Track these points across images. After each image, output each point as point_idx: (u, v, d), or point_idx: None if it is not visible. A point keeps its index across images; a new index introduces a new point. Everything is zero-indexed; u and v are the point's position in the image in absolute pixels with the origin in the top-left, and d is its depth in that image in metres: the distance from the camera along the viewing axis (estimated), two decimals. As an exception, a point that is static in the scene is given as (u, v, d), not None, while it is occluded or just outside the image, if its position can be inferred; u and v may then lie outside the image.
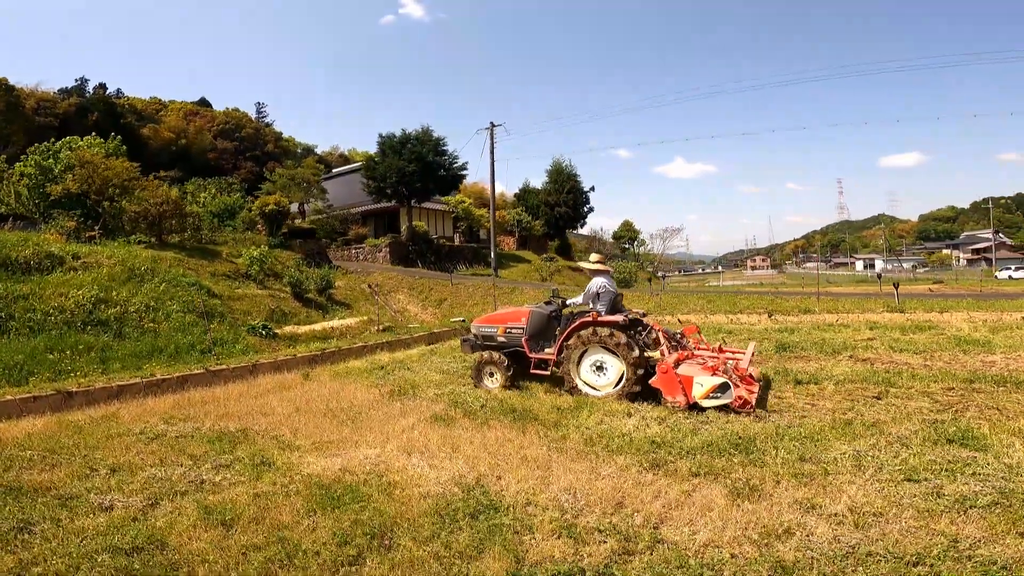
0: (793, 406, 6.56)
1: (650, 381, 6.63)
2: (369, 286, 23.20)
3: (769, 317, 15.05)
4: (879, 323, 13.21)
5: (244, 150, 51.43)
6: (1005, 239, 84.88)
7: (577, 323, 7.19)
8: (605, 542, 3.35)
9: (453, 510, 3.70)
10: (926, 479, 4.13)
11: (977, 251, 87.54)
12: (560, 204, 42.41)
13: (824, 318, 14.52)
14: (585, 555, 3.22)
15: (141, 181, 20.68)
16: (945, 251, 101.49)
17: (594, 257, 8.08)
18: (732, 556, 3.16)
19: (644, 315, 7.96)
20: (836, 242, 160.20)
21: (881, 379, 7.64)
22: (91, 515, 3.56)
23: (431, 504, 3.83)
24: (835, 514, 3.62)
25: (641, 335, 7.20)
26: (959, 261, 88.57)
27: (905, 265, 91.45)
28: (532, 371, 7.75)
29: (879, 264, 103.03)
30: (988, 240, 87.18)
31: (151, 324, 13.67)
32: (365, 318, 19.72)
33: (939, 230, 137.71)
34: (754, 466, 4.52)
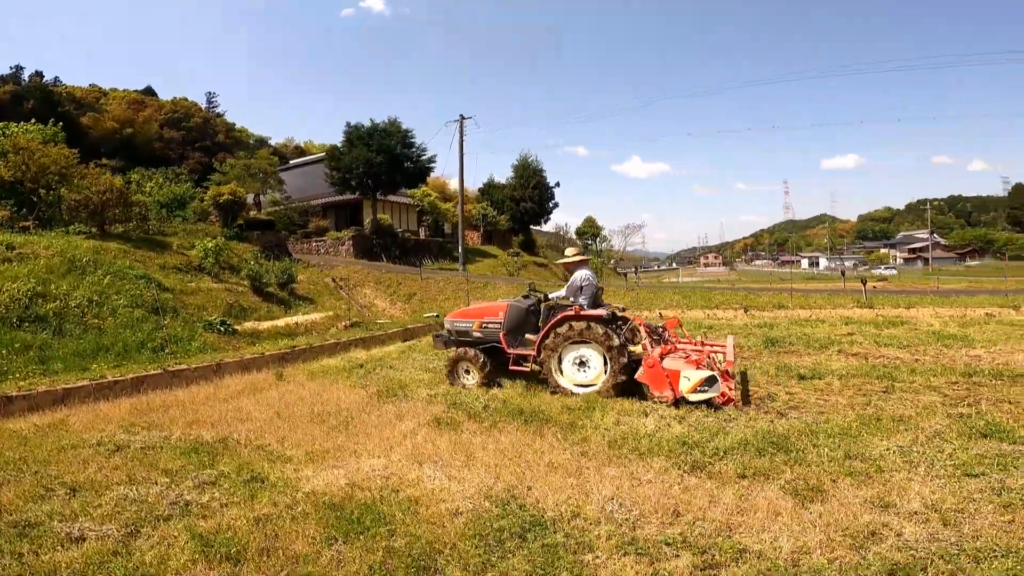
0: (806, 402, 6.39)
1: (636, 376, 6.46)
2: (333, 280, 22.18)
3: (745, 312, 15.12)
4: (853, 318, 13.45)
5: (192, 140, 48.38)
6: (940, 239, 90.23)
7: (559, 317, 6.88)
8: (679, 556, 2.98)
9: (497, 530, 3.20)
10: (983, 473, 3.97)
11: (913, 250, 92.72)
12: (526, 199, 42.06)
13: (798, 313, 14.70)
14: (665, 573, 2.82)
15: (81, 169, 19.01)
16: (883, 250, 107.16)
17: (571, 251, 7.82)
18: (830, 562, 2.86)
19: (623, 310, 7.76)
20: (782, 241, 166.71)
21: (882, 373, 7.60)
22: (60, 548, 2.86)
23: (466, 523, 3.32)
24: (914, 512, 3.40)
25: (622, 330, 6.94)
26: (896, 260, 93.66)
27: (847, 263, 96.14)
28: (511, 368, 7.36)
29: (823, 262, 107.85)
30: (924, 240, 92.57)
31: (95, 320, 12.45)
32: (331, 313, 18.78)
33: (876, 230, 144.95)
34: (800, 465, 4.24)
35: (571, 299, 7.18)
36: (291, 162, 40.16)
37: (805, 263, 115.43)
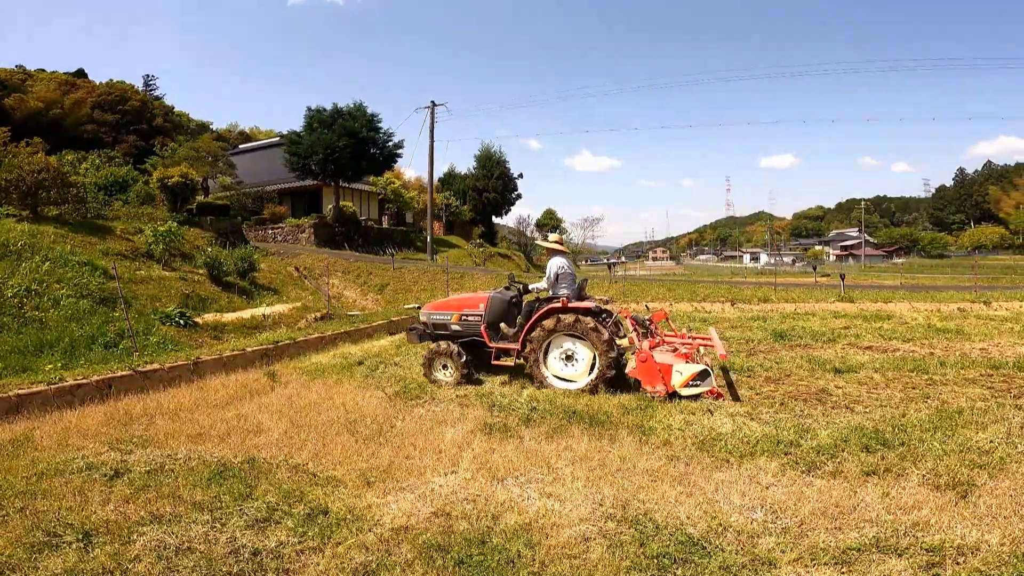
0: (861, 396, 6.22)
1: (627, 371, 6.32)
2: (297, 269, 20.77)
3: (732, 305, 15.11)
4: (840, 312, 13.60)
5: (128, 123, 44.30)
6: (869, 238, 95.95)
7: (545, 309, 6.52)
8: (883, 561, 2.68)
9: (656, 556, 2.70)
10: (1098, 460, 3.78)
11: (845, 248, 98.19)
12: (489, 190, 41.36)
13: (783, 307, 14.79)
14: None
15: (11, 147, 16.89)
16: (818, 247, 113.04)
17: (553, 236, 7.45)
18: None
19: (607, 302, 7.51)
20: (724, 236, 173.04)
21: (912, 366, 7.51)
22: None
23: (610, 551, 2.78)
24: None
25: (607, 323, 6.65)
26: (830, 257, 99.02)
27: (786, 259, 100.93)
28: (493, 362, 6.98)
29: (763, 258, 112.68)
30: (854, 238, 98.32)
31: (35, 312, 10.93)
32: (299, 304, 17.50)
33: (809, 227, 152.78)
34: (923, 460, 4.02)
35: (551, 291, 6.83)
36: (241, 146, 37.64)
37: (747, 258, 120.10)
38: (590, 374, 6.32)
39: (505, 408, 5.67)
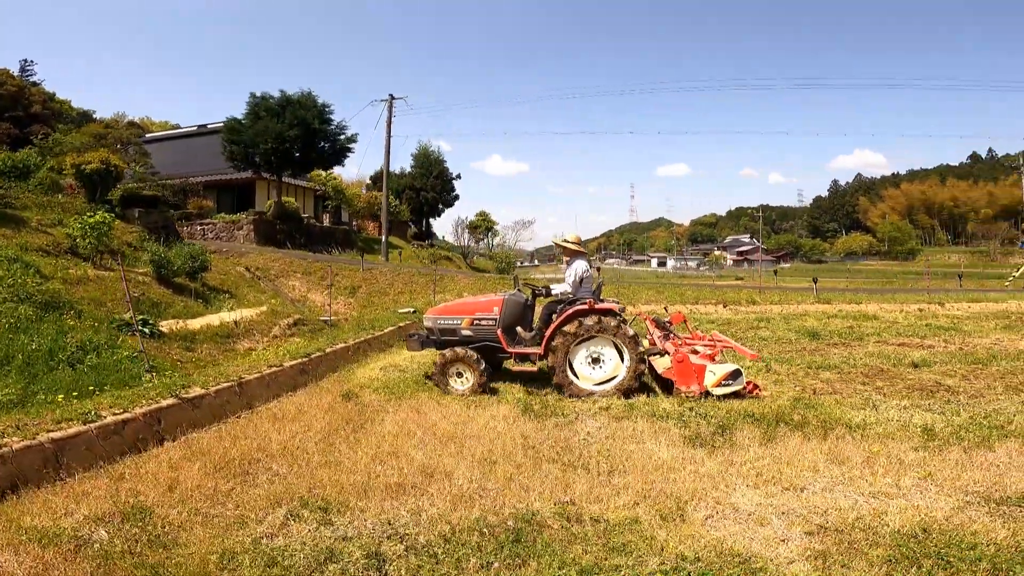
0: (982, 388, 6.66)
1: (661, 371, 6.50)
2: (248, 269, 18.60)
3: (725, 307, 15.59)
4: (828, 312, 14.46)
5: (1, 109, 38.30)
6: (760, 244, 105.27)
7: (571, 311, 6.44)
8: None
9: None
10: None
11: (741, 253, 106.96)
12: (427, 189, 40.06)
13: (771, 308, 15.51)
14: None
15: None
16: (716, 252, 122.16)
17: (571, 237, 7.26)
18: None
19: (617, 303, 7.58)
20: (629, 241, 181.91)
21: (972, 360, 8.13)
22: None
23: None
24: None
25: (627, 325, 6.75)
26: (727, 261, 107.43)
27: (691, 264, 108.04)
28: (514, 369, 6.78)
29: (670, 263, 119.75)
30: (747, 244, 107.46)
31: (-34, 324, 8.65)
32: (264, 309, 15.57)
33: (704, 234, 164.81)
34: None
35: (574, 294, 6.70)
36: (153, 135, 33.31)
37: (654, 262, 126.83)
38: (616, 378, 6.31)
39: (669, 418, 5.25)
